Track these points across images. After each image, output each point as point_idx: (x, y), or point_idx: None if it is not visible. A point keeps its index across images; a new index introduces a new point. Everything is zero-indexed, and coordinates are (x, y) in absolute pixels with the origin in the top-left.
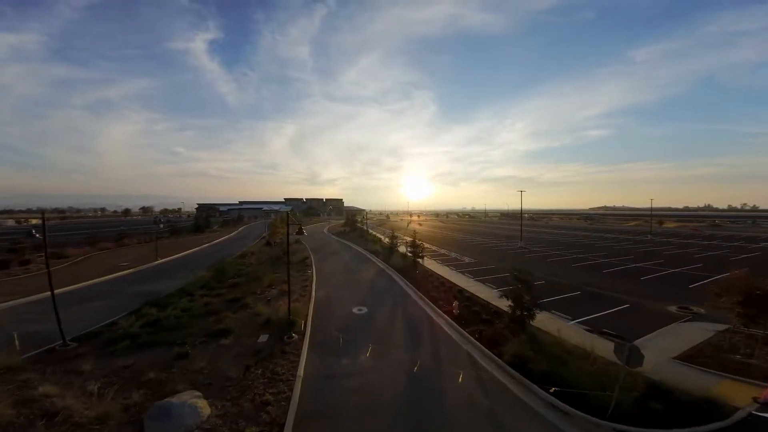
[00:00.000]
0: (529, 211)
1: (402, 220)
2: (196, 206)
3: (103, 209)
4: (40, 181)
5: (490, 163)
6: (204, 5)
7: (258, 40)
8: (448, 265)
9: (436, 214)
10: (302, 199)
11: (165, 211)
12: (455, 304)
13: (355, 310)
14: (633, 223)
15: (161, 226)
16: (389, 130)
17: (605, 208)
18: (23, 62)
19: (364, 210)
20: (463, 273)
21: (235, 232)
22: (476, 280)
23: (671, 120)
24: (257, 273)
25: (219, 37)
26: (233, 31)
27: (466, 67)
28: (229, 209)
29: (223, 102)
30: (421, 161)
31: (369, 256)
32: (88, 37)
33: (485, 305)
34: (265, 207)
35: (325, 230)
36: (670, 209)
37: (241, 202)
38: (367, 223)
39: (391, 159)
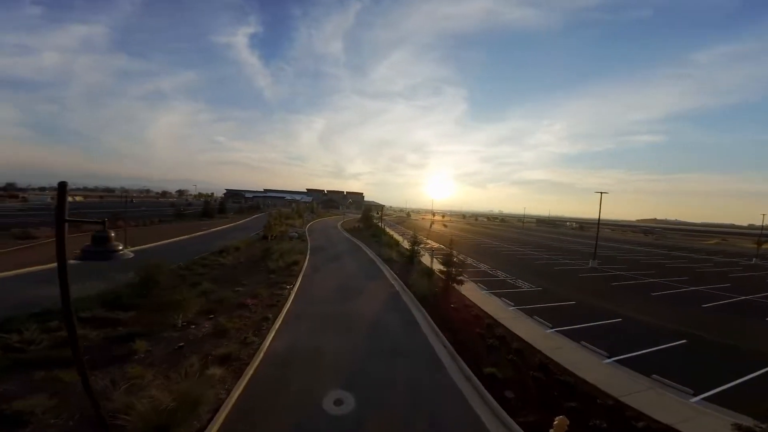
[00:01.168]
0: (562, 219)
1: (423, 219)
2: (224, 192)
3: (148, 190)
4: (101, 164)
5: (521, 165)
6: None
7: (295, 35)
8: (499, 295)
9: (463, 216)
10: (324, 190)
11: (199, 195)
12: (561, 422)
13: (327, 402)
14: (713, 242)
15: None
16: (416, 126)
17: (655, 220)
18: (90, 53)
19: (382, 206)
20: (530, 315)
21: (243, 220)
22: (558, 332)
23: (734, 129)
24: (204, 287)
25: (259, 31)
26: (272, 27)
27: (502, 65)
28: (254, 196)
29: (260, 95)
30: (447, 159)
31: (381, 266)
32: (145, 31)
33: (612, 409)
34: (288, 196)
35: (338, 225)
36: (733, 226)
37: (265, 190)
38: (382, 220)
39: (416, 156)
